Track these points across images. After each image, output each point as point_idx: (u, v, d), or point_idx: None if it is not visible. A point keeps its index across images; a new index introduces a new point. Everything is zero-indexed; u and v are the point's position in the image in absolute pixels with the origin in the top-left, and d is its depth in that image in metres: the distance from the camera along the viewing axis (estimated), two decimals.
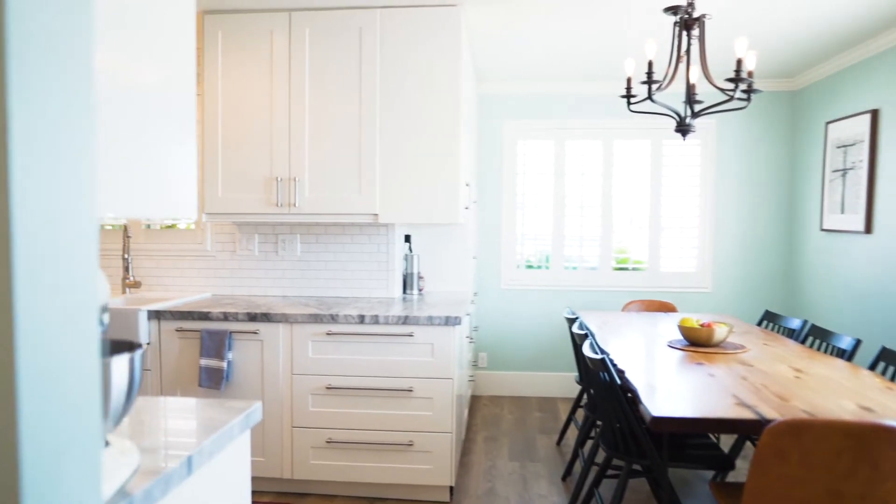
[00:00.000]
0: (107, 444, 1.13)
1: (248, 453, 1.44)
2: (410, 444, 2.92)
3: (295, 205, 3.24)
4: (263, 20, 3.23)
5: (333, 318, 2.93)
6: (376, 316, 2.91)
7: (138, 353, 1.14)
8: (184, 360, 3.04)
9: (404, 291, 3.75)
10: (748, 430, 1.82)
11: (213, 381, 2.97)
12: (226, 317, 2.99)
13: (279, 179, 3.25)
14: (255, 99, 3.26)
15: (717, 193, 4.66)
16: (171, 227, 3.77)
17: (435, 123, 3.18)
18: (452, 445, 2.92)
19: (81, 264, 0.69)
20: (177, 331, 3.04)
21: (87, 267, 0.71)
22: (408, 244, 3.83)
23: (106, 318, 1.11)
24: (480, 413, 4.38)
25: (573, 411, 3.70)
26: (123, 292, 3.61)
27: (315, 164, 3.24)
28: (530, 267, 4.82)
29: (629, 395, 2.29)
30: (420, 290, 3.80)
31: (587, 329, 3.24)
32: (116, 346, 1.21)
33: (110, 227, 3.77)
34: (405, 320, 2.90)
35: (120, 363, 1.10)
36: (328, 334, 2.95)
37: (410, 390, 2.91)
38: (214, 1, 3.14)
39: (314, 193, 3.25)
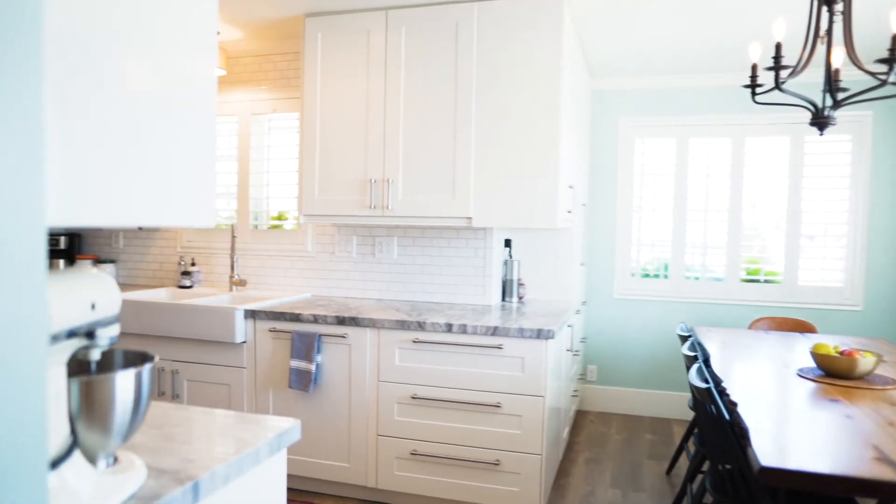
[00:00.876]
0: (115, 460, 1.07)
1: (283, 476, 1.34)
2: (497, 464, 2.74)
3: (388, 207, 3.17)
4: (361, 20, 3.19)
5: (420, 326, 2.82)
6: (464, 325, 2.75)
7: (146, 368, 1.07)
8: (276, 360, 3.07)
9: (503, 299, 3.57)
10: (890, 495, 1.46)
11: (302, 384, 2.96)
12: (315, 319, 2.97)
13: (373, 181, 3.19)
14: (352, 100, 3.23)
15: (871, 195, 4.02)
16: (278, 227, 3.85)
17: (533, 122, 2.98)
18: (542, 468, 2.70)
19: (18, 275, 0.60)
20: (270, 331, 3.07)
21: (29, 279, 0.62)
22: (508, 249, 3.64)
23: (114, 330, 1.05)
24: (585, 431, 4.09)
25: (686, 438, 3.33)
26: (230, 290, 3.74)
27: (409, 165, 3.15)
28: (646, 275, 4.44)
29: (740, 431, 1.96)
30: (520, 297, 3.59)
31: (700, 349, 2.88)
32: (129, 358, 1.15)
33: (225, 227, 3.92)
34: (494, 331, 2.72)
35: (125, 379, 1.03)
36: (414, 342, 2.84)
37: (498, 406, 2.73)
38: (315, 3, 3.14)
39: (407, 196, 3.15)
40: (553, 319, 2.91)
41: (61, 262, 4.02)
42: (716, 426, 2.06)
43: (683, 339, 3.09)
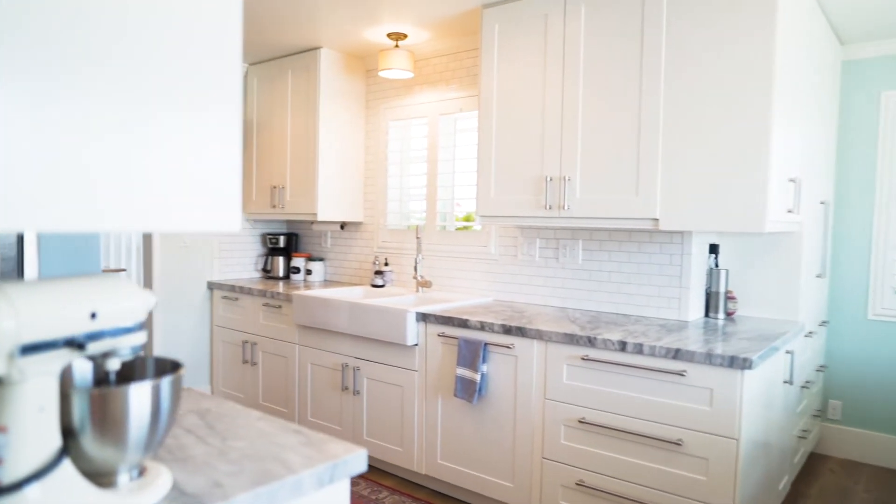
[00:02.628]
0: (140, 472, 1.02)
1: None
2: None
3: (565, 207, 2.88)
4: (538, 4, 2.94)
5: (590, 342, 2.49)
6: (640, 345, 2.36)
7: (166, 381, 0.99)
8: (444, 366, 2.98)
9: (706, 314, 3.04)
10: None
11: (467, 393, 2.82)
12: (482, 326, 2.81)
13: (549, 179, 2.92)
14: (528, 93, 3.00)
15: None
16: (466, 228, 3.77)
17: (736, 107, 2.45)
18: None
19: None
20: (439, 335, 2.99)
21: None
22: (713, 256, 3.09)
23: (135, 339, 0.99)
24: (820, 482, 3.31)
25: None
26: (416, 291, 3.76)
27: (588, 161, 2.82)
28: None
29: None
30: (728, 313, 3.02)
31: None
32: (161, 367, 1.09)
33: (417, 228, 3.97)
34: (675, 354, 2.28)
35: (140, 391, 0.97)
36: (583, 359, 2.52)
37: (679, 444, 2.29)
38: None
39: (586, 194, 2.83)
40: (759, 344, 2.36)
41: (280, 258, 4.44)
42: None
43: None
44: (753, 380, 2.26)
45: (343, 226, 4.32)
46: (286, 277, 4.46)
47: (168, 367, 1.08)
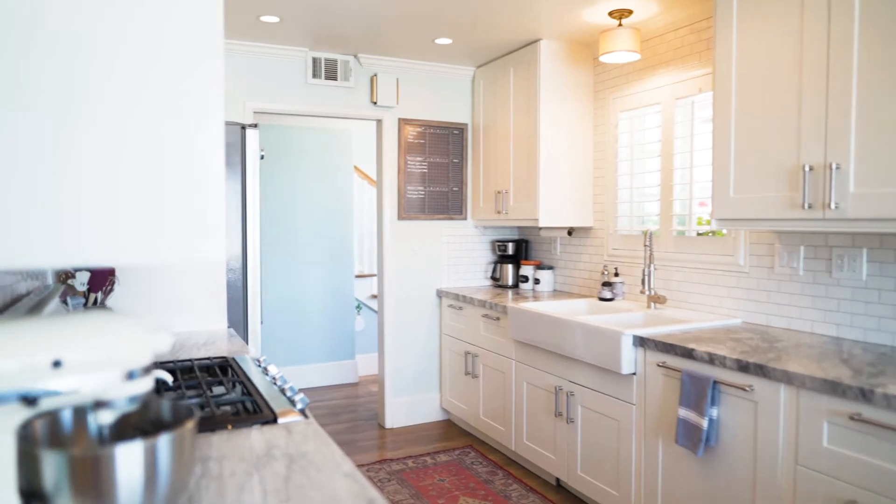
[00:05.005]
0: None
1: None
2: None
3: (831, 205, 2.13)
4: None
5: (864, 395, 1.78)
6: None
7: (164, 439, 0.82)
8: (666, 403, 2.46)
9: None
10: None
11: (691, 441, 2.27)
12: (711, 359, 2.24)
13: (807, 168, 2.20)
14: (778, 58, 2.31)
15: None
16: (716, 234, 3.13)
17: None
18: None
19: None
20: (659, 365, 2.47)
21: None
22: None
23: (133, 388, 0.84)
24: None
25: None
26: (648, 307, 3.24)
27: (865, 141, 2.05)
28: None
29: None
30: None
31: None
32: (179, 414, 0.92)
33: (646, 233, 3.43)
34: None
35: (129, 454, 0.81)
36: (852, 418, 1.81)
37: None
38: None
39: (862, 188, 2.06)
40: None
41: (509, 266, 4.26)
42: None
43: None
44: None
45: (571, 231, 3.95)
46: (515, 286, 4.26)
47: (183, 416, 0.92)
